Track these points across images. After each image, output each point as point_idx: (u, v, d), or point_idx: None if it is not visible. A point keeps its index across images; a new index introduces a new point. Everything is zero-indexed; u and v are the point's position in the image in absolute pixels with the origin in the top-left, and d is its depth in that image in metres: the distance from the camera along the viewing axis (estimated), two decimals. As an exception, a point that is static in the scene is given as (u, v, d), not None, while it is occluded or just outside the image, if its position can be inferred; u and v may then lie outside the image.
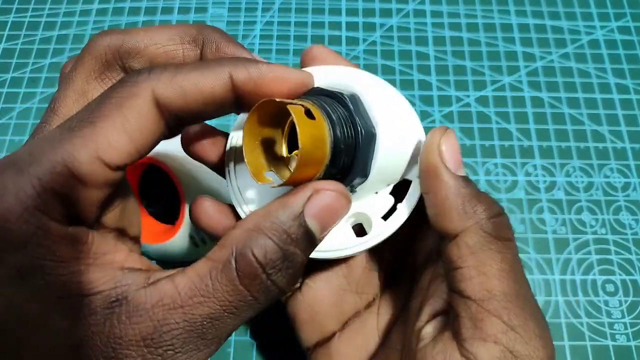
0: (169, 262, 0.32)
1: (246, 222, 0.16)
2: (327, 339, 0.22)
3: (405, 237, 0.22)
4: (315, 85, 0.19)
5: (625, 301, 0.31)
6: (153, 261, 0.32)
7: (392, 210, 0.20)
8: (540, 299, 0.31)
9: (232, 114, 0.19)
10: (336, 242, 0.20)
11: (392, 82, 0.38)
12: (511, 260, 0.17)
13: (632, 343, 0.30)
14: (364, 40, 0.40)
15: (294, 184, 0.17)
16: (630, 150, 0.35)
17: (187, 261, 0.32)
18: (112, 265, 0.16)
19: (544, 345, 0.16)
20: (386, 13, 0.41)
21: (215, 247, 0.16)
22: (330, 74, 0.20)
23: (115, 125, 0.15)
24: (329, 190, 0.17)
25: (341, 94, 0.18)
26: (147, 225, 0.32)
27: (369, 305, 0.23)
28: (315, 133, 0.16)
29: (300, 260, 0.16)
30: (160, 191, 0.32)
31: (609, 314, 0.30)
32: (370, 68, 0.38)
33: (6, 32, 0.40)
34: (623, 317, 0.30)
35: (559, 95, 0.37)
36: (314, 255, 0.19)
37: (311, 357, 0.22)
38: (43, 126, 0.17)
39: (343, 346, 0.22)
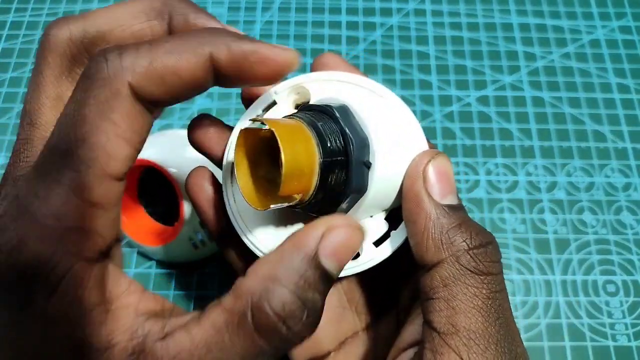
0: (169, 263, 0.31)
1: (259, 269, 0.15)
2: (321, 358, 0.21)
3: (408, 260, 0.21)
4: (314, 97, 0.19)
5: (626, 301, 0.31)
6: (152, 262, 0.32)
7: (385, 236, 0.19)
8: (541, 299, 0.31)
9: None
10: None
11: (392, 82, 0.38)
12: (486, 296, 0.16)
13: (633, 343, 0.30)
14: (364, 39, 0.40)
15: (285, 199, 0.16)
16: (631, 150, 0.35)
17: (186, 262, 0.32)
18: (128, 311, 0.15)
19: None
20: (386, 12, 0.41)
21: (230, 295, 0.15)
22: (330, 85, 0.19)
23: (108, 135, 0.14)
24: (342, 227, 0.16)
25: (330, 107, 0.17)
26: (147, 227, 0.32)
27: (367, 327, 0.22)
28: (300, 145, 0.16)
29: (320, 305, 0.15)
30: (158, 193, 0.32)
31: (609, 315, 0.30)
32: (371, 67, 0.38)
33: (5, 32, 0.40)
34: (624, 317, 0.30)
35: (559, 95, 0.37)
36: None
37: None
38: (24, 144, 0.16)
39: None
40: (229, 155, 0.19)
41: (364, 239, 0.16)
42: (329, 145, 0.16)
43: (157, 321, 0.15)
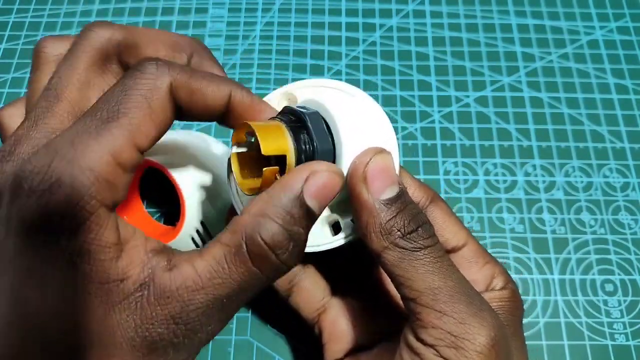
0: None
1: (252, 207, 0.18)
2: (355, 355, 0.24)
3: None
4: (300, 101, 0.22)
5: (625, 301, 0.31)
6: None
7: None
8: (540, 298, 0.31)
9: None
10: (312, 239, 0.21)
11: (392, 82, 0.38)
12: (431, 262, 0.19)
13: (631, 342, 0.30)
14: (364, 40, 0.40)
15: (266, 189, 0.19)
16: (630, 150, 0.35)
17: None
18: (138, 249, 0.17)
19: (480, 322, 0.18)
20: (386, 13, 0.41)
21: (226, 231, 0.18)
22: (313, 90, 0.22)
23: (145, 116, 0.17)
24: (323, 171, 0.18)
25: (304, 114, 0.20)
26: (148, 227, 0.32)
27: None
28: (278, 142, 0.19)
29: (304, 237, 0.18)
30: (160, 193, 0.32)
31: (608, 314, 0.30)
32: (370, 68, 0.38)
33: (7, 33, 0.40)
34: (622, 316, 0.30)
35: (558, 95, 0.37)
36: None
37: None
38: (45, 112, 0.18)
39: None
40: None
41: (342, 183, 0.19)
42: (302, 146, 0.20)
43: (163, 256, 0.17)
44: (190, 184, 0.28)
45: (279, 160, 0.19)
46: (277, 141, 0.19)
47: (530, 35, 0.40)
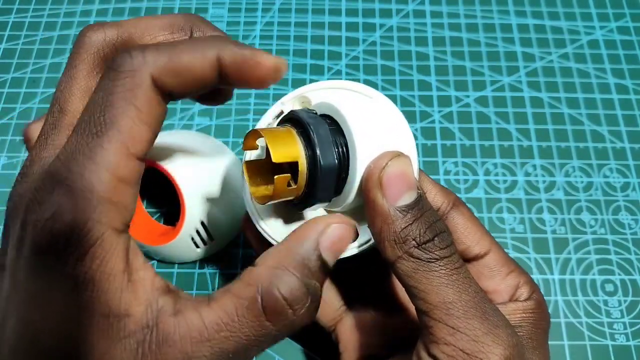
0: (170, 263, 0.32)
1: (269, 260, 0.17)
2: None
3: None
4: (314, 103, 0.21)
5: (625, 301, 0.31)
6: (153, 262, 0.32)
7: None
8: (540, 298, 0.31)
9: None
10: None
11: (392, 82, 0.38)
12: (447, 274, 0.18)
13: (632, 343, 0.30)
14: (364, 40, 0.40)
15: (278, 199, 0.19)
16: (630, 150, 0.35)
17: (187, 262, 0.32)
18: (145, 283, 0.16)
19: (494, 340, 0.17)
20: (386, 13, 0.41)
21: (239, 283, 0.17)
22: (327, 93, 0.21)
23: (133, 120, 0.16)
24: (338, 223, 0.18)
25: (308, 124, 0.19)
26: (148, 227, 0.32)
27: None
28: (289, 149, 0.18)
29: (320, 293, 0.18)
30: (160, 193, 0.32)
31: (608, 314, 0.30)
32: (370, 68, 0.38)
33: (7, 33, 0.40)
34: (622, 316, 0.30)
35: (558, 95, 0.37)
36: None
37: None
38: (52, 129, 0.18)
39: None
40: (247, 156, 0.22)
41: (356, 236, 0.19)
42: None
43: (169, 297, 0.16)
44: (190, 184, 0.28)
45: (292, 167, 0.19)
46: (287, 148, 0.18)
47: (531, 35, 0.40)
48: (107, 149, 0.16)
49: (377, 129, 0.20)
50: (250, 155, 0.22)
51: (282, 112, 0.22)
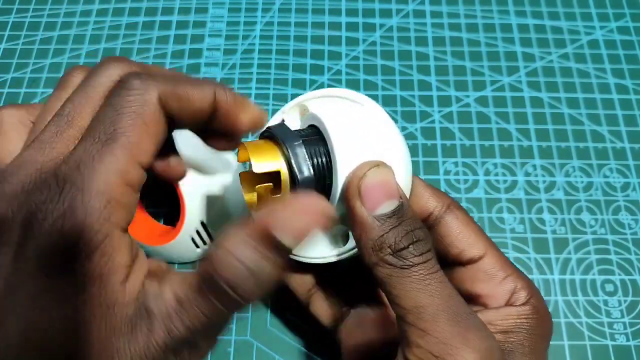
0: (170, 262, 0.32)
1: (221, 241, 0.17)
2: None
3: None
4: (311, 109, 0.22)
5: (625, 301, 0.31)
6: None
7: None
8: (540, 298, 0.31)
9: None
10: (318, 251, 0.22)
11: (392, 83, 0.38)
12: (419, 280, 0.19)
13: (632, 343, 0.30)
14: (364, 40, 0.40)
15: (260, 204, 0.20)
16: (630, 150, 0.35)
17: (188, 262, 0.32)
18: (140, 273, 0.17)
19: (463, 343, 0.18)
20: (386, 13, 0.41)
21: (201, 261, 0.17)
22: (322, 101, 0.23)
23: (141, 132, 0.17)
24: (298, 203, 0.18)
25: (282, 141, 0.21)
26: (148, 227, 0.32)
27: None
28: (270, 160, 0.20)
29: (270, 271, 0.17)
30: (160, 193, 0.32)
31: (608, 314, 0.30)
32: (370, 68, 0.38)
33: (7, 33, 0.40)
34: (622, 316, 0.30)
35: (558, 95, 0.37)
36: (299, 259, 0.22)
37: None
38: (55, 135, 0.18)
39: None
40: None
41: (328, 213, 0.18)
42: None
43: (154, 282, 0.17)
44: (190, 184, 0.28)
45: (277, 178, 0.20)
46: (268, 158, 0.19)
47: (531, 35, 0.40)
48: (116, 155, 0.17)
49: (361, 138, 0.21)
50: (246, 166, 0.23)
51: (283, 120, 0.23)
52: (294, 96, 0.37)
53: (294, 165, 0.20)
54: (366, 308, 0.25)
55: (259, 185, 0.19)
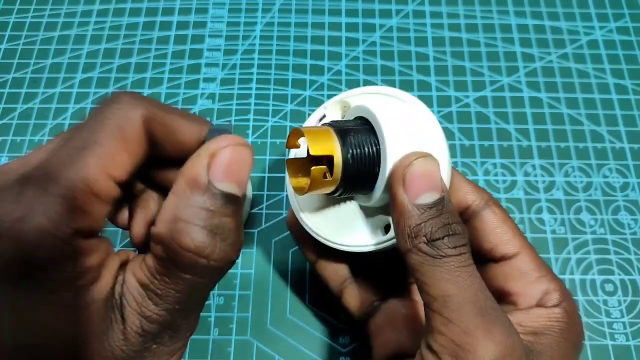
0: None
1: (164, 214, 0.17)
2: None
3: None
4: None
5: (624, 301, 0.31)
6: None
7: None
8: (539, 298, 0.31)
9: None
10: (358, 239, 0.23)
11: (392, 83, 0.38)
12: (449, 271, 0.19)
13: (631, 342, 0.30)
14: (364, 41, 0.40)
15: (314, 189, 0.20)
16: (629, 150, 0.35)
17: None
18: (112, 269, 0.17)
19: (485, 335, 0.18)
20: (386, 14, 0.41)
21: (151, 242, 0.17)
22: (365, 97, 0.24)
23: (118, 146, 0.17)
24: (225, 147, 0.17)
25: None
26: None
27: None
28: (326, 144, 0.20)
29: (232, 225, 0.17)
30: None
31: (608, 314, 0.30)
32: (370, 68, 0.38)
33: (7, 33, 0.40)
34: (622, 316, 0.30)
35: (557, 95, 0.37)
36: (340, 248, 0.23)
37: None
38: (43, 149, 0.18)
39: None
40: (291, 154, 0.25)
41: (251, 151, 0.18)
42: (347, 139, 0.21)
43: (129, 272, 0.17)
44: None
45: (330, 164, 0.21)
46: (325, 143, 0.20)
47: (530, 35, 0.40)
48: (87, 163, 0.16)
49: (408, 130, 0.21)
50: (294, 153, 0.24)
51: (324, 115, 0.25)
52: (294, 96, 0.37)
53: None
54: (397, 303, 0.25)
55: (314, 167, 0.20)
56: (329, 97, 0.37)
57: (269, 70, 0.38)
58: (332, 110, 0.25)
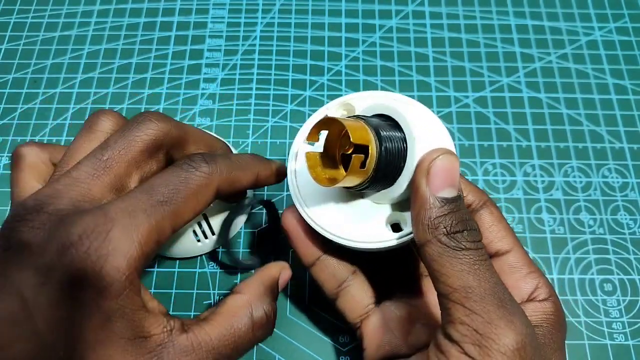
0: (171, 259, 0.32)
1: (251, 289, 0.23)
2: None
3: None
4: (358, 110, 0.24)
5: (623, 300, 0.31)
6: (155, 260, 0.32)
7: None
8: (539, 298, 0.31)
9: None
10: (372, 235, 0.23)
11: (392, 83, 0.38)
12: (470, 263, 0.19)
13: (630, 342, 0.30)
14: (364, 41, 0.40)
15: (350, 177, 0.21)
16: (629, 150, 0.35)
17: (189, 257, 0.32)
18: (155, 311, 0.20)
19: (507, 325, 0.18)
20: (386, 14, 0.41)
21: (228, 306, 0.22)
22: (370, 100, 0.24)
23: (192, 207, 0.21)
24: (286, 268, 0.26)
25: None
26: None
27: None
28: (363, 135, 0.21)
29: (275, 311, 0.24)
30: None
31: (607, 313, 0.31)
32: (370, 69, 0.39)
33: (8, 33, 0.41)
34: (621, 316, 0.30)
35: (557, 95, 0.37)
36: (351, 244, 0.23)
37: None
38: (88, 175, 0.20)
39: None
40: (292, 164, 0.25)
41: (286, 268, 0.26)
42: (380, 132, 0.21)
43: (177, 320, 0.20)
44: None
45: (358, 152, 0.21)
46: (362, 133, 0.20)
47: (530, 35, 0.40)
48: (164, 217, 0.20)
49: (430, 129, 0.22)
50: (311, 147, 0.24)
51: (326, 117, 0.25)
52: (294, 96, 0.37)
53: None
54: (391, 305, 0.25)
55: (355, 155, 0.20)
56: (329, 97, 0.37)
57: (269, 71, 0.39)
58: (334, 111, 0.25)
